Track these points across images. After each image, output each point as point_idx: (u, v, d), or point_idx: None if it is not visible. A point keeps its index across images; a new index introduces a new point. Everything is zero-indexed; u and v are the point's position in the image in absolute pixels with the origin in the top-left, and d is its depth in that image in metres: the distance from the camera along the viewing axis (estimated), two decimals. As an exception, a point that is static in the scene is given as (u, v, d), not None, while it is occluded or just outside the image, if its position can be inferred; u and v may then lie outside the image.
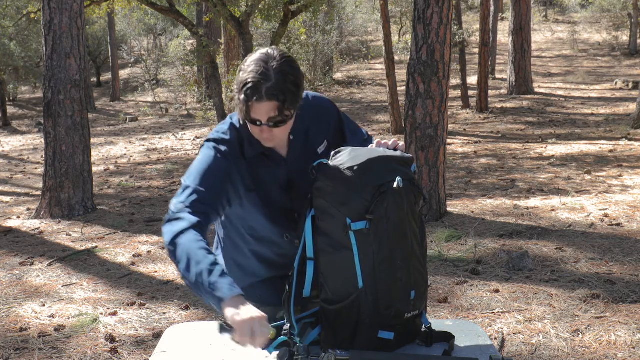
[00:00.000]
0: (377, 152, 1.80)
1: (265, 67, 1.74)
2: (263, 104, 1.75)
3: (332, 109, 2.07)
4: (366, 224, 1.70)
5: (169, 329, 2.05)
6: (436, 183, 6.09)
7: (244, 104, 1.77)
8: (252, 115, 1.79)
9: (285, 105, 1.76)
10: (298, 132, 1.96)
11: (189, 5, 14.96)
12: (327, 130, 2.04)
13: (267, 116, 1.78)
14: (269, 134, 1.83)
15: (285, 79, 1.75)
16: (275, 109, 1.76)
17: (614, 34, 22.38)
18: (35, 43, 21.63)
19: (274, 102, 1.75)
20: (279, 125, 1.81)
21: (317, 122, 2.01)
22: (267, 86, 1.73)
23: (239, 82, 1.77)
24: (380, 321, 1.74)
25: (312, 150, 2.00)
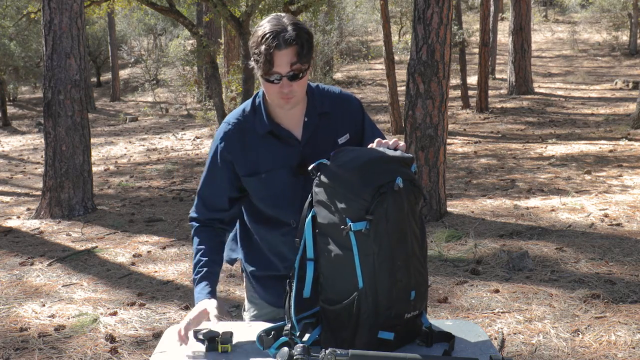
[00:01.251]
0: (377, 153, 1.80)
1: (280, 21, 1.84)
2: (284, 51, 1.81)
3: (358, 105, 2.10)
4: (366, 224, 1.70)
5: (169, 329, 2.05)
6: (436, 183, 6.09)
7: (266, 55, 1.82)
8: (275, 66, 1.83)
9: (303, 51, 1.83)
10: (313, 115, 2.00)
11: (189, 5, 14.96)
12: (351, 124, 2.06)
13: (289, 63, 1.83)
14: (289, 89, 1.86)
15: (300, 28, 1.84)
16: (296, 54, 1.82)
17: (614, 34, 22.39)
18: (35, 43, 21.63)
19: (294, 48, 1.82)
20: (297, 77, 1.86)
21: (340, 112, 2.04)
22: (286, 34, 1.81)
23: (257, 38, 1.84)
24: (380, 321, 1.74)
25: (331, 137, 2.02)
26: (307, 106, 2.00)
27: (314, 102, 2.01)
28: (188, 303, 4.33)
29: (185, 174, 10.63)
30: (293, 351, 1.69)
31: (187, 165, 11.59)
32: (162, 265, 5.27)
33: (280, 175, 1.99)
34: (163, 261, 5.40)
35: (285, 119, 1.99)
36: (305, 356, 1.67)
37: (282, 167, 1.99)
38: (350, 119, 2.07)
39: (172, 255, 5.57)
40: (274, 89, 1.88)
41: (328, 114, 2.02)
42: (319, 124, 2.00)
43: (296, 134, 2.00)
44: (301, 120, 2.00)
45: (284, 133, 1.98)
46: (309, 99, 2.00)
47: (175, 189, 9.19)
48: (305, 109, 1.99)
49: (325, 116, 2.02)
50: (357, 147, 1.94)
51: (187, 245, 5.84)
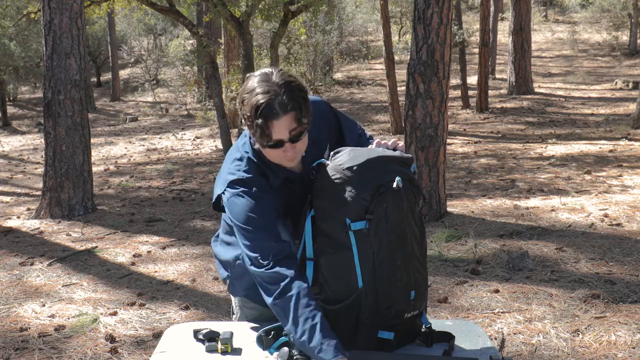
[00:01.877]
0: (376, 152, 1.80)
1: (269, 85, 1.72)
2: (282, 119, 1.72)
3: (329, 111, 2.05)
4: (365, 223, 1.70)
5: (169, 329, 2.05)
6: (436, 183, 6.09)
7: (264, 127, 1.72)
8: (274, 136, 1.74)
9: (302, 113, 1.75)
10: (308, 148, 1.93)
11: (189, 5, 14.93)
12: (327, 133, 2.02)
13: (289, 130, 1.74)
14: (293, 151, 1.79)
15: (292, 88, 1.73)
16: (294, 119, 1.74)
17: (614, 34, 22.39)
18: (35, 43, 21.63)
19: (292, 114, 1.73)
20: (299, 138, 1.78)
21: (319, 128, 1.98)
22: (280, 101, 1.71)
23: (250, 109, 1.73)
24: (380, 321, 1.74)
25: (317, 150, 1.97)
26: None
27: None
28: (188, 303, 4.33)
29: (185, 174, 10.63)
30: (293, 351, 1.69)
31: (187, 165, 11.59)
32: (162, 265, 5.27)
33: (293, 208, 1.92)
34: (163, 261, 5.40)
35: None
36: (305, 356, 1.67)
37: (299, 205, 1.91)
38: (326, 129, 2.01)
39: (172, 255, 5.57)
40: (277, 154, 1.81)
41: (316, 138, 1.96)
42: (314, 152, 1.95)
43: (297, 170, 1.94)
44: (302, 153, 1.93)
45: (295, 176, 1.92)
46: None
47: (175, 189, 9.19)
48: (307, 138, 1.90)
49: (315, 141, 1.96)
50: (355, 147, 1.94)
51: (187, 245, 5.85)
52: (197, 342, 1.89)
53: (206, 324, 1.98)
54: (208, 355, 1.83)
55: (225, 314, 4.15)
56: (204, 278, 4.90)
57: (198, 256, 5.50)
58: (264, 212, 1.82)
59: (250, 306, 2.17)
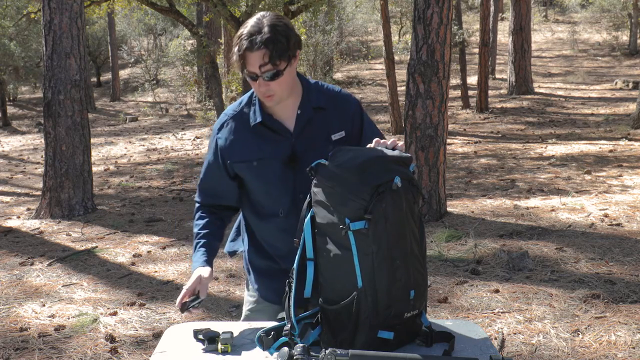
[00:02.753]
0: (375, 152, 1.80)
1: (259, 22, 1.90)
2: (254, 53, 1.88)
3: (355, 104, 2.13)
4: (365, 223, 1.70)
5: (169, 329, 2.05)
6: (436, 183, 6.09)
7: (238, 56, 1.91)
8: (248, 67, 1.91)
9: (274, 53, 1.88)
10: (306, 109, 2.04)
11: (189, 5, 14.95)
12: (347, 122, 2.09)
13: (259, 65, 1.89)
14: (266, 88, 1.93)
15: (275, 31, 1.89)
16: (265, 56, 1.88)
17: (614, 34, 22.39)
18: (35, 43, 21.63)
19: (264, 51, 1.87)
20: (273, 78, 1.91)
21: (336, 109, 2.08)
22: (258, 37, 1.88)
23: (235, 39, 1.93)
24: (379, 321, 1.74)
25: (324, 132, 2.05)
26: (302, 99, 2.05)
27: (309, 96, 2.05)
28: (188, 303, 4.32)
29: (185, 174, 10.63)
30: (293, 351, 1.69)
31: (187, 165, 11.59)
32: (162, 265, 5.27)
33: (271, 165, 2.03)
34: (163, 261, 5.40)
35: (278, 111, 2.04)
36: (305, 356, 1.67)
37: (273, 157, 2.03)
38: (346, 117, 2.09)
39: (172, 255, 5.57)
40: (255, 87, 1.97)
41: (323, 109, 2.06)
42: (313, 117, 2.04)
43: (288, 125, 2.04)
44: (294, 113, 2.04)
45: (276, 124, 2.03)
46: (304, 93, 2.05)
47: (175, 189, 9.19)
48: (299, 102, 2.04)
49: (320, 111, 2.06)
50: (354, 146, 1.94)
51: (187, 245, 5.84)
52: (197, 342, 1.89)
53: (206, 324, 1.98)
54: (208, 356, 1.82)
55: (225, 314, 4.15)
56: (204, 278, 4.89)
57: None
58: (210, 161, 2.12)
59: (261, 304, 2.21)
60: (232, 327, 2.01)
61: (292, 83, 2.01)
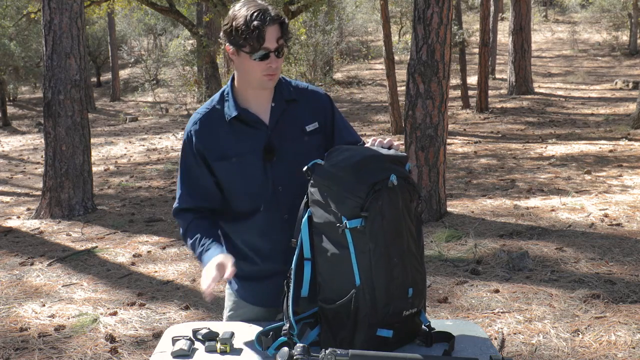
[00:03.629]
0: (371, 151, 1.81)
1: (257, 2, 1.92)
2: (273, 27, 1.90)
3: (325, 97, 2.15)
4: (361, 221, 1.71)
5: (169, 329, 2.05)
6: (436, 183, 6.09)
7: (258, 32, 1.87)
8: (266, 43, 1.90)
9: (285, 27, 1.94)
10: (280, 101, 2.05)
11: (189, 5, 14.95)
12: (318, 114, 2.10)
13: (276, 38, 1.92)
14: (276, 64, 1.95)
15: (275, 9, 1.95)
16: (281, 30, 1.93)
17: (614, 34, 22.39)
18: (35, 43, 21.64)
19: (279, 25, 1.92)
20: (281, 53, 1.95)
21: (306, 101, 2.09)
22: (272, 12, 1.91)
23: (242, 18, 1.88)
24: (378, 319, 1.74)
25: (298, 123, 2.06)
26: (275, 93, 2.05)
27: (281, 89, 2.07)
28: (188, 303, 4.33)
29: (185, 174, 10.62)
30: (293, 351, 1.69)
31: (187, 165, 11.57)
32: (162, 265, 5.27)
33: (250, 160, 2.02)
34: (163, 261, 5.40)
35: (253, 104, 2.04)
36: (305, 356, 1.67)
37: (251, 151, 2.02)
38: (318, 109, 2.11)
39: (172, 255, 5.57)
40: (261, 67, 1.94)
41: (295, 101, 2.08)
42: (286, 109, 2.05)
43: (263, 118, 2.04)
44: (269, 106, 2.05)
45: (252, 117, 2.03)
46: (277, 87, 2.06)
47: (175, 189, 9.19)
48: (272, 95, 2.05)
49: (293, 103, 2.07)
50: (350, 145, 1.95)
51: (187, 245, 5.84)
52: (197, 342, 1.89)
53: (206, 324, 1.98)
54: (207, 356, 1.82)
55: (222, 314, 4.14)
56: (204, 278, 4.89)
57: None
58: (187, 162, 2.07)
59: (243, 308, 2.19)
60: (232, 327, 2.01)
61: None
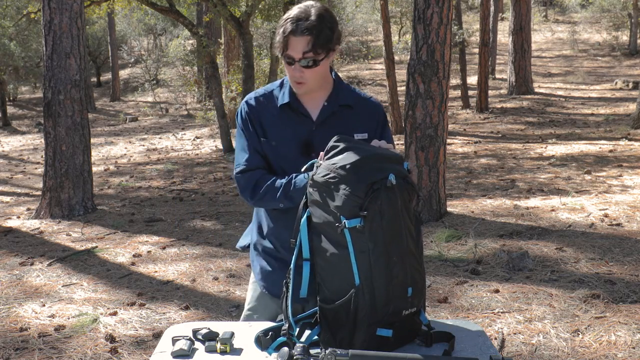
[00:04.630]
0: (369, 151, 1.82)
1: (307, 9, 1.94)
2: (299, 38, 1.92)
3: (382, 112, 2.18)
4: (360, 221, 1.71)
5: (169, 329, 2.05)
6: (436, 183, 6.09)
7: (282, 37, 1.94)
8: (289, 50, 1.94)
9: (317, 42, 1.92)
10: (333, 103, 2.09)
11: (189, 5, 14.93)
12: (371, 126, 2.13)
13: (302, 51, 1.93)
14: (300, 74, 1.97)
15: (322, 20, 1.93)
16: (309, 43, 1.92)
17: (614, 34, 22.39)
18: (35, 43, 21.64)
19: (308, 37, 1.91)
20: (310, 66, 1.96)
21: (362, 110, 2.12)
22: (305, 23, 1.91)
23: (282, 20, 1.96)
24: (378, 318, 1.75)
25: (347, 129, 2.07)
26: (330, 94, 2.09)
27: (338, 93, 2.10)
28: (188, 303, 4.33)
29: (185, 174, 10.63)
30: (293, 351, 1.69)
31: (187, 165, 11.60)
32: (162, 265, 5.27)
33: (288, 147, 2.06)
34: (163, 261, 5.40)
35: (306, 100, 2.08)
36: (305, 356, 1.67)
37: (291, 140, 2.06)
38: (372, 121, 2.13)
39: (172, 255, 5.57)
40: (289, 71, 2.00)
41: (350, 107, 2.10)
42: (338, 112, 2.08)
43: (312, 114, 2.08)
44: (321, 104, 2.09)
45: (301, 109, 2.07)
46: (334, 89, 2.10)
47: (175, 189, 9.19)
48: (328, 96, 2.09)
49: (347, 108, 2.10)
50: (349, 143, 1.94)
51: (187, 245, 5.85)
52: (197, 342, 1.89)
53: (206, 324, 1.98)
54: (207, 356, 1.82)
55: (225, 314, 4.15)
56: (204, 278, 4.90)
57: (198, 256, 5.51)
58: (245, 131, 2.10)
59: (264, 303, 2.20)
60: (232, 327, 2.01)
61: (325, 76, 2.06)
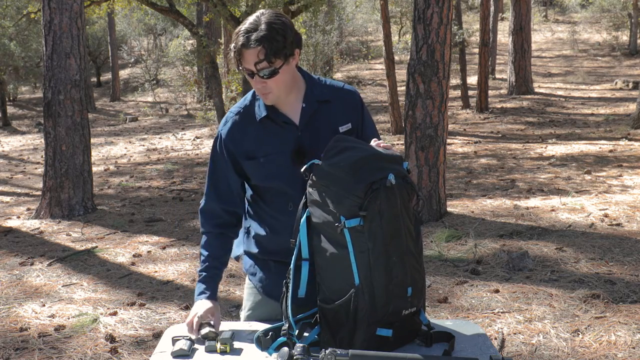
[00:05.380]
0: (369, 150, 1.82)
1: (257, 20, 1.91)
2: (250, 50, 1.89)
3: (357, 97, 2.16)
4: (360, 220, 1.71)
5: (169, 329, 2.05)
6: (436, 183, 6.09)
7: (235, 52, 1.93)
8: (243, 63, 1.93)
9: (270, 51, 1.88)
10: (311, 102, 2.05)
11: (189, 5, 14.94)
12: (351, 114, 2.11)
13: (254, 62, 1.90)
14: (262, 85, 1.95)
15: (271, 29, 1.89)
16: (260, 54, 1.88)
17: (614, 34, 22.39)
18: (35, 43, 21.63)
19: (258, 48, 1.88)
20: (270, 76, 1.92)
21: (340, 101, 2.09)
22: (255, 35, 1.88)
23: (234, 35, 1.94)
24: (378, 318, 1.75)
25: (330, 124, 2.05)
26: (305, 93, 2.06)
27: (312, 90, 2.06)
28: (188, 303, 4.33)
29: (185, 174, 10.63)
30: (293, 351, 1.69)
31: (187, 165, 11.59)
32: (162, 265, 5.27)
33: (278, 160, 2.03)
34: (163, 261, 5.40)
35: (283, 105, 2.04)
36: (305, 356, 1.67)
37: (280, 151, 2.02)
38: (351, 109, 2.11)
39: (172, 255, 5.57)
40: (252, 84, 1.98)
41: (328, 102, 2.07)
42: (318, 110, 2.05)
43: (294, 119, 2.04)
44: (299, 107, 2.05)
45: (281, 117, 2.04)
46: (308, 87, 2.06)
47: (175, 189, 9.19)
48: (303, 96, 2.05)
49: (325, 104, 2.07)
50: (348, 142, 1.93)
51: (187, 245, 5.85)
52: (197, 342, 1.89)
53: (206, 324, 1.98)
54: (207, 356, 1.83)
55: (225, 314, 4.15)
56: (204, 278, 4.89)
57: (198, 256, 5.50)
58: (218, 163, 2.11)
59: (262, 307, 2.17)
60: (232, 327, 2.01)
61: (291, 81, 2.01)
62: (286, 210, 2.03)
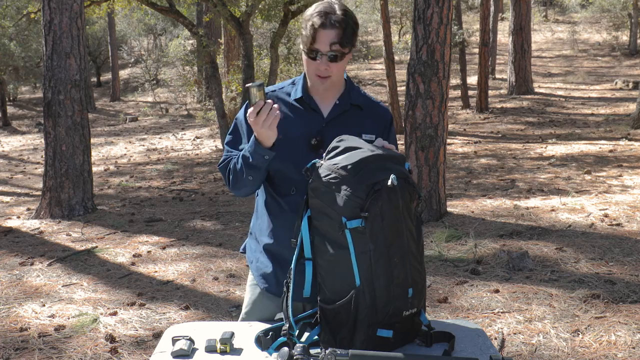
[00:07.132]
0: (370, 151, 1.81)
1: (330, 5, 1.96)
2: (328, 31, 1.93)
3: (390, 117, 2.20)
4: (361, 221, 1.70)
5: (169, 329, 2.05)
6: (436, 183, 6.09)
7: (311, 31, 1.94)
8: (316, 44, 1.95)
9: (345, 34, 1.94)
10: (345, 101, 2.11)
11: (189, 5, 14.94)
12: (378, 128, 2.14)
13: (330, 43, 1.93)
14: (326, 67, 1.97)
15: (348, 15, 1.96)
16: (337, 36, 1.93)
17: (614, 34, 22.39)
18: (35, 43, 21.63)
19: (337, 31, 1.93)
20: (336, 59, 1.96)
21: (371, 112, 2.14)
22: (333, 17, 1.93)
23: (306, 15, 1.97)
24: (378, 319, 1.74)
25: (356, 128, 2.07)
26: (342, 93, 2.11)
27: (350, 92, 2.12)
28: (188, 303, 4.33)
29: (185, 174, 10.63)
30: (293, 351, 1.69)
31: (187, 165, 11.59)
32: (162, 265, 5.27)
33: (295, 143, 2.04)
34: (163, 261, 5.40)
35: (319, 96, 2.09)
36: (305, 356, 1.67)
37: (300, 135, 2.05)
38: (379, 124, 2.14)
39: (172, 255, 5.57)
40: (313, 66, 2.00)
41: (360, 108, 2.12)
42: (348, 112, 2.10)
43: (323, 111, 2.09)
44: (333, 102, 2.10)
45: (312, 104, 2.08)
46: (346, 89, 2.12)
47: (175, 189, 9.19)
48: (340, 94, 2.11)
49: (357, 108, 2.12)
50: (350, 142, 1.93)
51: (187, 245, 5.85)
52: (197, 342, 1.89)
53: (206, 324, 1.98)
54: (207, 356, 1.82)
55: (225, 314, 4.15)
56: (204, 278, 4.90)
57: (198, 256, 5.51)
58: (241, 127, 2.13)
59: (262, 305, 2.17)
60: (232, 327, 2.01)
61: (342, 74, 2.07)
62: (288, 193, 2.06)
